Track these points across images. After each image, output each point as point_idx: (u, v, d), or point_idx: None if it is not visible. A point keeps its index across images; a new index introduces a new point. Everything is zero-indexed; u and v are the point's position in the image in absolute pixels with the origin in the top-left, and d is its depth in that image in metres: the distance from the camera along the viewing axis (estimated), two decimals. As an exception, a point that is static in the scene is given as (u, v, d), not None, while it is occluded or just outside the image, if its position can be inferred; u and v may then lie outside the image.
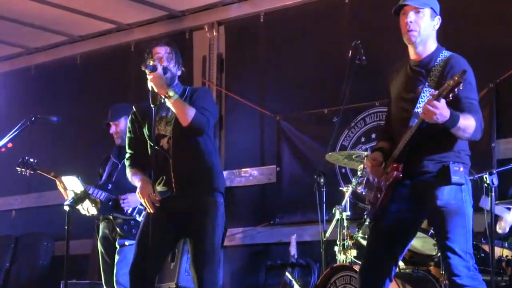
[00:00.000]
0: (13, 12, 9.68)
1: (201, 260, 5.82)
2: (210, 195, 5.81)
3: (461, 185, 4.79)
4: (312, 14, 8.84)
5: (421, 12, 4.97)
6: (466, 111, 4.73)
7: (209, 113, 5.81)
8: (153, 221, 5.71)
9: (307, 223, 8.00)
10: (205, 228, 5.78)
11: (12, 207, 10.88)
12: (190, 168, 5.84)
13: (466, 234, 4.80)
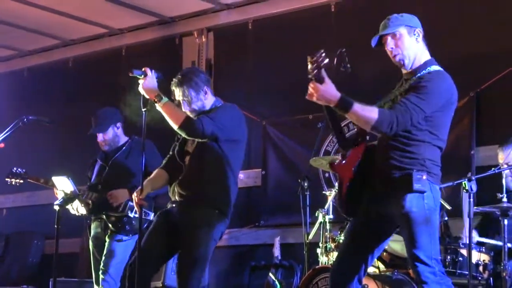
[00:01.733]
0: (6, 15, 9.69)
1: (186, 265, 5.87)
2: (204, 210, 5.85)
3: (423, 193, 4.80)
4: (299, 22, 8.87)
5: (397, 34, 5.02)
6: (388, 107, 4.83)
7: (209, 120, 5.79)
8: (157, 227, 5.95)
9: (291, 225, 8.03)
10: (193, 241, 5.84)
11: (3, 205, 10.87)
12: (193, 181, 5.89)
13: (430, 241, 4.80)
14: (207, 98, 5.95)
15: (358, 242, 5.13)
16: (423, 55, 5.05)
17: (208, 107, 5.94)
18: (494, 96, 7.44)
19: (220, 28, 9.52)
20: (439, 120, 4.87)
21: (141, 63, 6.10)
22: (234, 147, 5.93)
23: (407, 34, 5.02)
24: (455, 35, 7.64)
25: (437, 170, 4.89)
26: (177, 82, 5.95)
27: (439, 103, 4.82)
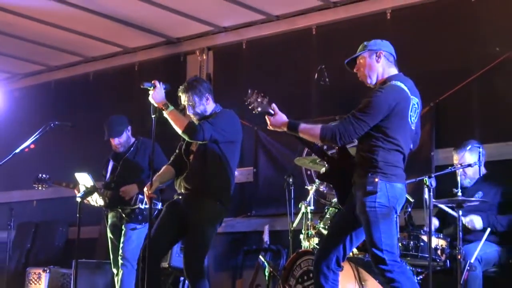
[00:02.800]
0: (36, 36, 9.67)
1: (190, 249, 5.88)
2: (206, 200, 5.85)
3: (376, 193, 4.81)
4: (286, 42, 8.87)
5: (358, 60, 5.11)
6: (334, 122, 4.97)
7: (209, 125, 5.80)
8: (165, 215, 5.96)
9: (278, 215, 8.01)
10: (197, 227, 5.83)
11: (33, 198, 10.84)
12: (196, 176, 5.90)
13: (381, 235, 4.81)
14: (209, 104, 5.99)
15: (339, 227, 5.16)
16: (387, 71, 5.09)
17: (209, 112, 5.98)
18: (450, 107, 7.45)
19: (219, 48, 9.50)
20: (390, 127, 4.88)
21: (151, 77, 6.09)
22: (231, 147, 5.96)
23: (369, 57, 5.09)
24: (419, 55, 7.64)
25: (394, 171, 4.89)
26: (184, 89, 5.99)
27: (381, 114, 4.84)
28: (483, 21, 7.53)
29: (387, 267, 4.78)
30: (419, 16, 7.92)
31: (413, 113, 4.98)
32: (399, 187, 4.91)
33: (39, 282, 8.46)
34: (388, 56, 5.13)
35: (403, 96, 4.91)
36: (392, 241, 4.86)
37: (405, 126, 4.93)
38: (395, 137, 4.88)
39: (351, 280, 5.99)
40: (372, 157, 4.87)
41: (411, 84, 5.06)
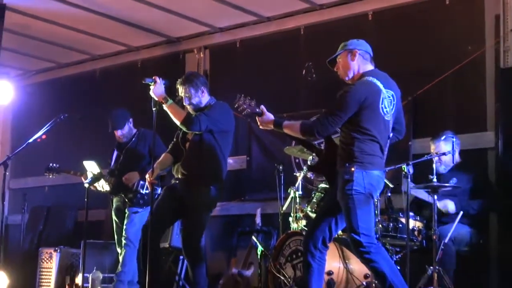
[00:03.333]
0: (48, 35, 9.64)
1: (188, 230, 5.90)
2: (202, 185, 5.87)
3: (352, 181, 4.82)
4: (276, 42, 8.85)
5: (338, 59, 5.14)
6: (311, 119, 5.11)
7: (205, 117, 5.83)
8: (164, 198, 6.01)
9: (269, 199, 8.00)
10: (194, 209, 5.86)
11: (45, 184, 10.81)
12: (192, 164, 5.92)
13: (357, 219, 4.82)
14: (204, 96, 6.02)
15: (325, 211, 5.17)
16: (362, 68, 5.13)
17: (204, 103, 6.00)
18: (427, 100, 7.44)
19: (215, 46, 9.48)
20: (363, 119, 4.89)
21: (153, 73, 6.08)
22: (225, 136, 6.00)
23: (346, 57, 5.12)
24: (398, 53, 7.64)
25: (371, 159, 4.89)
26: (181, 82, 6.05)
27: (352, 108, 4.88)
28: (456, 23, 7.53)
29: (364, 249, 4.80)
30: (398, 18, 7.91)
31: (387, 105, 4.97)
32: (376, 174, 4.91)
33: (51, 261, 8.46)
34: (363, 54, 5.15)
35: (373, 90, 4.93)
36: (368, 225, 4.87)
37: (377, 117, 4.93)
38: (369, 128, 4.89)
39: (336, 259, 6.01)
40: (350, 148, 4.90)
41: (385, 78, 5.07)
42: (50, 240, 9.60)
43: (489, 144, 7.07)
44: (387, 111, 4.97)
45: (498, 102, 7.05)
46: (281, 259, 6.29)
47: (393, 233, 5.97)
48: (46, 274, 8.46)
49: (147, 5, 8.47)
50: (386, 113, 4.96)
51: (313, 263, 5.06)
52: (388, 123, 5.01)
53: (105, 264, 7.81)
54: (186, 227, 5.99)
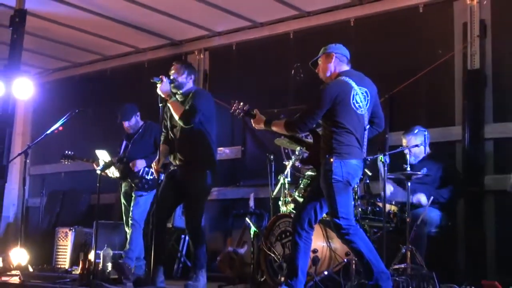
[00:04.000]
0: (64, 38, 9.63)
1: (189, 211, 5.90)
2: (198, 170, 5.88)
3: (330, 171, 4.84)
4: (268, 44, 8.85)
5: (318, 62, 5.16)
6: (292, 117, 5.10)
7: (196, 109, 5.85)
8: (166, 184, 6.03)
9: (261, 185, 7.98)
10: (193, 192, 5.86)
11: (61, 170, 10.82)
12: (187, 151, 5.93)
13: (338, 204, 4.84)
14: (189, 82, 6.14)
15: (311, 196, 5.19)
16: (338, 69, 5.16)
17: (185, 88, 6.04)
18: (402, 98, 7.45)
19: (213, 49, 9.45)
20: (337, 114, 4.93)
21: (158, 73, 6.09)
22: (211, 121, 6.06)
23: (324, 59, 5.16)
24: (377, 56, 7.64)
25: (348, 149, 4.92)
26: (182, 62, 6.33)
27: (326, 105, 4.93)
28: (429, 28, 7.54)
29: (344, 231, 4.83)
30: (377, 24, 7.91)
31: (360, 100, 4.99)
32: (354, 163, 4.93)
33: (66, 239, 8.46)
34: (340, 57, 5.19)
35: (344, 87, 4.96)
36: (347, 209, 4.89)
37: (349, 112, 4.95)
38: (343, 122, 4.92)
39: (321, 238, 6.02)
40: (329, 141, 4.94)
41: (359, 77, 5.10)
42: (65, 221, 9.59)
43: (456, 137, 7.09)
44: (360, 105, 4.99)
45: (465, 100, 7.07)
46: (271, 238, 6.29)
47: (371, 216, 5.98)
48: (62, 251, 8.47)
49: (153, 11, 8.47)
50: (358, 107, 4.98)
51: (300, 242, 5.08)
52: (362, 117, 5.02)
53: (115, 242, 7.80)
54: (187, 209, 6.00)
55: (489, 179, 6.82)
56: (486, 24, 7.12)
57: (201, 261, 5.91)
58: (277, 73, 8.62)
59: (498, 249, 6.66)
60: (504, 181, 6.11)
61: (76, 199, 10.17)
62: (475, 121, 6.94)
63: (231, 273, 7.22)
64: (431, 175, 6.33)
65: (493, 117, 6.94)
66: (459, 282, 5.56)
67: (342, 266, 5.86)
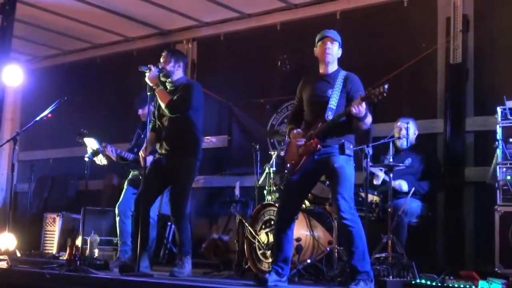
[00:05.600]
0: (54, 25, 9.56)
1: (174, 199, 5.89)
2: (184, 158, 5.87)
3: (350, 156, 4.86)
4: (255, 36, 8.82)
5: (334, 43, 5.08)
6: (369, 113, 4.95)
7: (184, 100, 5.83)
8: (151, 171, 5.97)
9: (247, 174, 7.98)
10: (178, 180, 5.85)
11: (50, 156, 10.78)
12: (173, 140, 5.91)
13: (350, 186, 4.86)
14: (178, 70, 6.10)
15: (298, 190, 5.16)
16: (336, 65, 5.18)
17: (175, 78, 6.02)
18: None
19: (201, 39, 9.41)
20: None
21: (146, 61, 6.07)
22: (198, 112, 6.03)
23: (338, 48, 5.11)
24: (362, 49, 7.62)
25: (354, 142, 5.14)
26: (168, 50, 6.26)
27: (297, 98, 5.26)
28: (413, 22, 7.54)
29: (350, 211, 4.87)
30: (363, 17, 7.90)
31: None
32: None
33: (54, 225, 8.41)
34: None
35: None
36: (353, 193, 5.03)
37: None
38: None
39: (304, 227, 6.02)
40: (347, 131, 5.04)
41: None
42: (54, 206, 9.53)
43: (438, 129, 7.11)
44: None
45: (447, 93, 7.09)
46: (256, 226, 6.29)
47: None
48: (50, 236, 8.42)
49: (142, 1, 8.42)
50: None
51: (285, 232, 5.09)
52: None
53: (102, 228, 7.76)
54: (172, 196, 5.98)
55: (469, 170, 6.85)
56: (469, 19, 7.13)
57: (187, 248, 5.91)
58: (264, 64, 8.59)
59: (477, 240, 6.70)
60: (484, 173, 6.13)
61: (64, 185, 10.12)
62: (457, 114, 6.96)
63: (216, 259, 7.23)
64: (413, 166, 6.35)
65: (474, 111, 6.96)
66: (438, 271, 5.59)
67: (325, 255, 5.87)
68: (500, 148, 5.63)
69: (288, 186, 5.20)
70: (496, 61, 6.96)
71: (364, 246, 4.82)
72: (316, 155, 4.96)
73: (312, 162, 4.99)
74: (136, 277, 5.43)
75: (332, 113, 4.93)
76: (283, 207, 5.16)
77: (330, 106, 4.94)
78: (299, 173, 5.03)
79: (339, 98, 4.96)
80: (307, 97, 5.16)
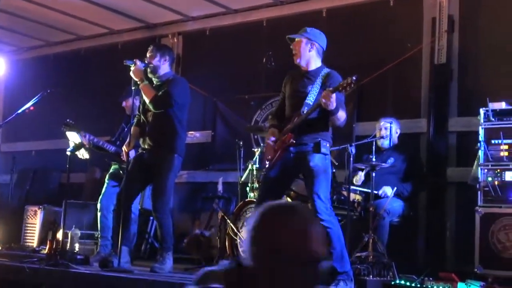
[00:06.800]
0: (38, 17, 9.48)
1: (156, 194, 5.86)
2: (167, 154, 5.83)
3: (326, 155, 4.83)
4: (241, 31, 8.79)
5: (296, 41, 5.06)
6: (341, 108, 4.78)
7: (169, 96, 5.79)
8: (133, 166, 5.91)
9: (230, 170, 7.97)
10: (161, 175, 5.81)
11: (32, 148, 10.69)
12: (157, 135, 5.88)
13: (326, 186, 4.84)
14: (164, 64, 6.05)
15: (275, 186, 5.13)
16: (317, 62, 5.09)
17: (162, 72, 5.98)
18: (370, 89, 7.47)
19: (187, 33, 9.36)
20: None
21: (132, 54, 6.03)
22: (183, 108, 6.00)
23: (304, 44, 5.05)
24: (347, 47, 7.62)
25: (331, 140, 5.09)
26: (154, 45, 6.23)
27: (282, 93, 5.26)
28: (398, 21, 7.54)
29: (326, 212, 4.84)
30: (348, 15, 7.90)
31: None
32: None
33: (35, 217, 8.33)
34: (318, 49, 5.15)
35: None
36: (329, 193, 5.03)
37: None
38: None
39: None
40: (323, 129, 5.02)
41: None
42: (35, 199, 9.45)
43: (421, 129, 7.13)
44: None
45: (431, 93, 7.11)
46: (238, 223, 6.28)
47: (336, 204, 5.96)
48: (30, 229, 8.34)
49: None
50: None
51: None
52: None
53: (84, 222, 7.71)
54: (154, 191, 5.95)
55: (452, 171, 6.88)
56: (454, 20, 7.15)
57: (168, 244, 5.88)
58: (249, 60, 8.56)
59: (457, 240, 6.72)
60: (466, 174, 6.15)
61: (46, 177, 10.05)
62: (440, 114, 6.98)
63: (198, 255, 7.20)
64: (396, 165, 6.35)
65: (458, 111, 6.99)
66: (418, 271, 5.60)
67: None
68: (482, 149, 5.65)
69: (266, 182, 5.18)
70: (481, 62, 6.98)
71: (342, 246, 4.80)
72: (292, 152, 4.94)
73: (289, 158, 4.97)
74: (116, 272, 5.40)
75: (308, 108, 4.91)
76: (260, 203, 5.13)
77: (307, 101, 4.93)
78: (276, 169, 5.01)
79: (317, 94, 4.93)
80: (288, 93, 5.17)
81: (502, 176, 5.54)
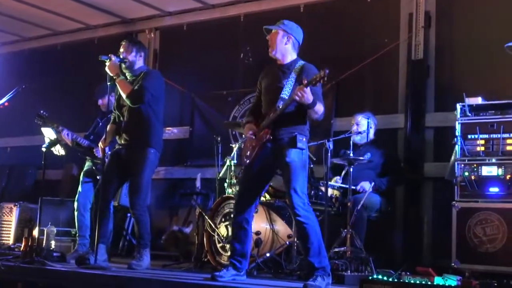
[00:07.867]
0: (13, 11, 9.38)
1: (133, 190, 5.82)
2: (143, 149, 5.80)
3: (303, 150, 4.81)
4: (219, 27, 8.76)
5: (272, 32, 5.03)
6: (318, 101, 4.75)
7: (145, 90, 5.76)
8: (110, 163, 5.90)
9: (208, 166, 7.92)
10: (137, 172, 5.77)
11: (8, 144, 10.58)
12: (132, 130, 5.84)
13: (303, 180, 4.81)
14: (139, 60, 6.00)
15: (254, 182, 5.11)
16: (292, 55, 5.06)
17: (136, 67, 5.93)
18: (348, 85, 7.49)
19: (164, 28, 9.32)
20: None
21: (108, 50, 5.98)
22: (159, 102, 5.95)
23: (281, 36, 5.02)
24: (324, 42, 7.63)
25: (309, 134, 5.01)
26: (129, 40, 6.13)
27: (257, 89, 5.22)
28: (375, 18, 7.57)
29: (304, 207, 4.78)
30: (326, 11, 7.91)
31: None
32: None
33: (11, 215, 8.24)
34: (294, 43, 5.10)
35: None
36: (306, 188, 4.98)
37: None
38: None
39: (264, 220, 6.01)
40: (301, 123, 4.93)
41: None
42: (11, 196, 9.34)
43: (399, 125, 7.16)
44: None
45: (408, 89, 7.14)
46: (216, 219, 6.25)
47: (314, 200, 5.98)
48: (6, 226, 8.25)
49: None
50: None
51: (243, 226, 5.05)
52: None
53: (60, 219, 7.64)
54: (131, 188, 5.91)
55: (429, 166, 6.91)
56: (431, 16, 7.18)
57: (145, 240, 5.84)
58: (226, 55, 8.54)
59: (434, 235, 6.77)
60: (443, 169, 6.18)
61: (22, 174, 9.93)
62: (417, 109, 7.02)
63: (176, 251, 7.18)
64: (374, 160, 6.37)
65: (434, 107, 7.02)
66: (396, 266, 5.62)
67: (284, 249, 5.86)
68: (458, 144, 5.68)
69: (245, 178, 5.16)
70: (457, 58, 7.02)
71: (320, 241, 4.77)
72: (269, 148, 4.92)
73: (267, 154, 4.94)
74: (93, 269, 5.35)
75: (283, 103, 4.87)
76: (240, 199, 5.12)
77: (282, 95, 4.88)
78: (255, 166, 4.99)
79: (292, 88, 4.89)
80: (264, 88, 5.12)
81: (478, 171, 5.58)
